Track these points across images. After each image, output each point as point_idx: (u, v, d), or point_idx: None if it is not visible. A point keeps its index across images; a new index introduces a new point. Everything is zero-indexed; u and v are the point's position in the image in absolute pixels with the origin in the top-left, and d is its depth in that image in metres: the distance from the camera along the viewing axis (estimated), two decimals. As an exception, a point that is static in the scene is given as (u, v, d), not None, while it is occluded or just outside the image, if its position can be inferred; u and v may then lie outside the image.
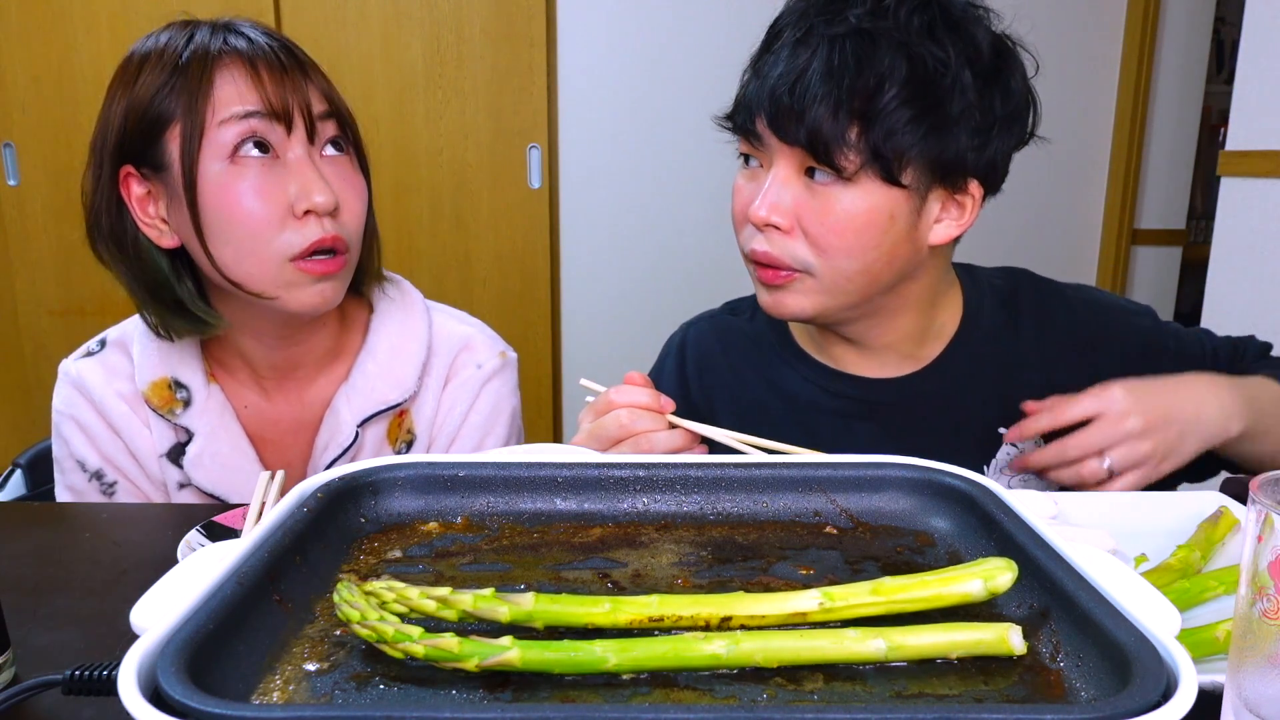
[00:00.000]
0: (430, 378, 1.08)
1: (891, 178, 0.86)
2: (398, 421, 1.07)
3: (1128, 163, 3.05)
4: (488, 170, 2.81)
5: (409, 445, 1.07)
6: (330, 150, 0.96)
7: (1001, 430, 0.98)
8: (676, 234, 2.91)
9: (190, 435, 1.02)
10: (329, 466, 1.02)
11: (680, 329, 1.14)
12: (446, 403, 1.08)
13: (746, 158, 0.94)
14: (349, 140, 0.98)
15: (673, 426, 0.87)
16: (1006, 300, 1.03)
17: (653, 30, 2.79)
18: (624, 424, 0.86)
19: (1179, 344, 1.01)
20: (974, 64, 0.86)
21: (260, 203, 0.90)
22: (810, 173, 0.88)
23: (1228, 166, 2.14)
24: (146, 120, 0.91)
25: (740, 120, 0.92)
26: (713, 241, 2.89)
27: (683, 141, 2.83)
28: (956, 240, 0.95)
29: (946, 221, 0.91)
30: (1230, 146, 2.14)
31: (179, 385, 1.02)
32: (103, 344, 1.07)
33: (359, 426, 1.03)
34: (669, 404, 0.88)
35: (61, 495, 1.06)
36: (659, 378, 1.10)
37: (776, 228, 0.89)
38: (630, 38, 2.79)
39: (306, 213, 0.92)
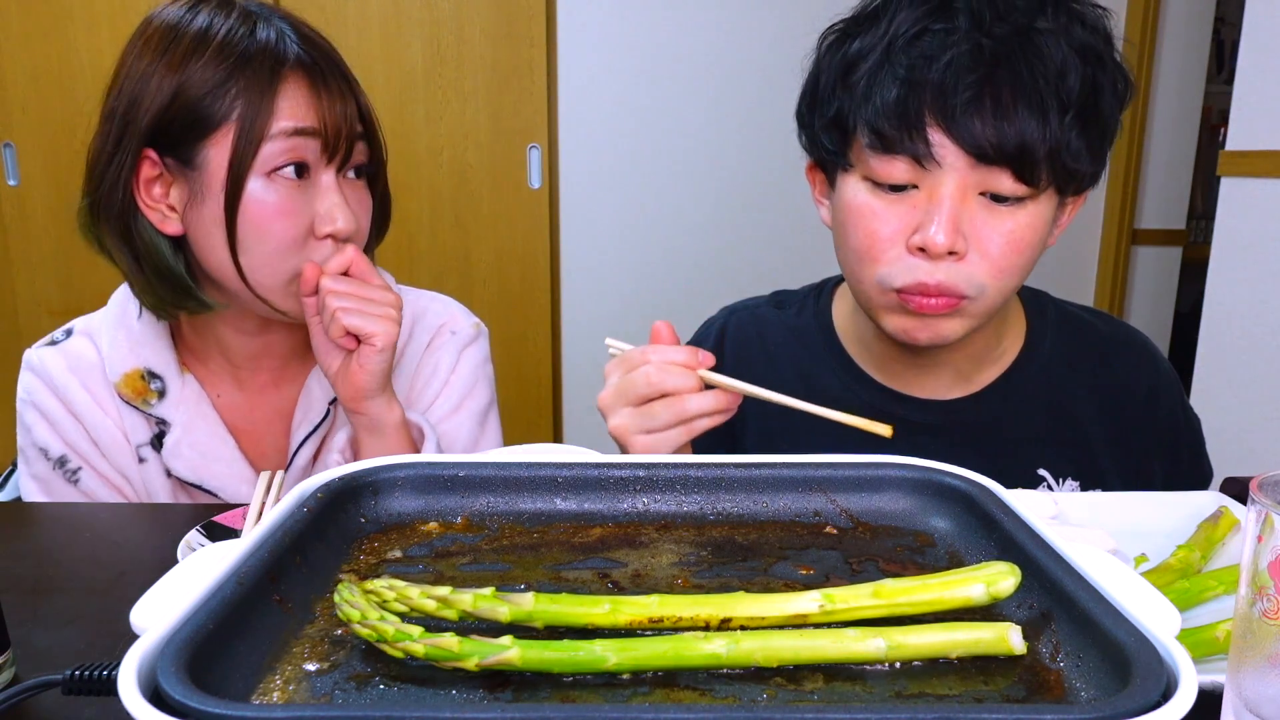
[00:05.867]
0: (407, 350, 1.09)
1: (1069, 188, 0.80)
2: None
3: (1128, 162, 3.05)
4: (488, 170, 2.81)
5: None
6: (353, 174, 0.97)
7: (1041, 472, 0.93)
8: (677, 234, 2.91)
9: (165, 426, 1.01)
10: (301, 444, 1.03)
11: (722, 313, 1.08)
12: (427, 366, 1.10)
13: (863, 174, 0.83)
14: (373, 163, 0.98)
15: (709, 386, 0.78)
16: (1073, 333, 0.98)
17: (653, 30, 2.79)
18: (653, 381, 0.77)
19: (1190, 456, 0.99)
20: (1103, 59, 0.82)
21: (287, 222, 0.91)
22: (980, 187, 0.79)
23: (1228, 166, 2.14)
24: (195, 116, 0.88)
25: (891, 130, 0.78)
26: (713, 241, 2.89)
27: (683, 141, 2.83)
28: None
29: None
30: (1230, 146, 2.14)
31: (152, 375, 1.01)
32: (68, 333, 1.06)
33: (330, 404, 1.04)
34: (708, 359, 0.78)
35: (26, 486, 1.03)
36: None
37: (953, 254, 0.80)
38: (630, 37, 2.79)
39: (325, 235, 0.93)
